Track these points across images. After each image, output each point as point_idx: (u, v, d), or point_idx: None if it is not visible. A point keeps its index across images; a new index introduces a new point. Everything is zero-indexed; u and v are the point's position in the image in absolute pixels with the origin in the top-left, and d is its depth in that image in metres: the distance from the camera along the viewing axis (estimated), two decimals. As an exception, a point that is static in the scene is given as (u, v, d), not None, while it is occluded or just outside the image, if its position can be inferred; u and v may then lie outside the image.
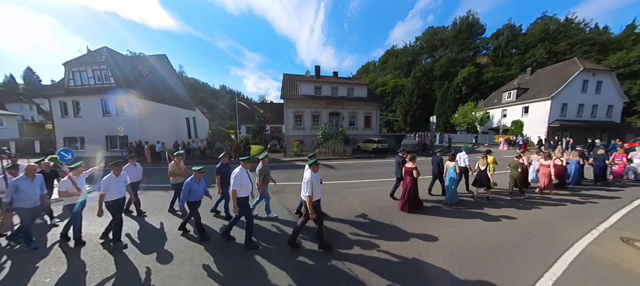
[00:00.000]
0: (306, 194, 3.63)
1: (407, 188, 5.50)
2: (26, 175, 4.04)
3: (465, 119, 32.41)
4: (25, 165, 4.21)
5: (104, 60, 17.54)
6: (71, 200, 4.11)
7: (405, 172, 5.64)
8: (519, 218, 5.19)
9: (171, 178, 5.59)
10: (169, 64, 24.21)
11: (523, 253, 3.77)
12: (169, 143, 18.06)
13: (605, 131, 23.81)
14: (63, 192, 4.08)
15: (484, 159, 6.38)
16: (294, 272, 3.29)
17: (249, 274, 3.30)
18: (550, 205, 6.17)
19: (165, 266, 3.51)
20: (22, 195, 3.92)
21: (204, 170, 4.50)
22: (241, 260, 3.66)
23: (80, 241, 4.17)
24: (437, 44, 65.23)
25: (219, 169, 5.29)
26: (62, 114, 18.16)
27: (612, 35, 41.70)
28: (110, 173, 4.13)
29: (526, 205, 6.06)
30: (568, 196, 6.89)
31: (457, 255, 3.71)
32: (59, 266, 3.55)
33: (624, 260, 3.61)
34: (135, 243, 4.25)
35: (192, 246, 4.06)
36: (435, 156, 7.03)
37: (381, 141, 17.64)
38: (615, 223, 5.03)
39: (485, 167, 6.26)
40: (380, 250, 3.86)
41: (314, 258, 3.65)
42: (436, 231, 4.54)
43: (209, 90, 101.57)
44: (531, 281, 3.10)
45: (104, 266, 3.52)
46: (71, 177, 4.15)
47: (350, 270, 3.35)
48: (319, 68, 25.80)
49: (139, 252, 3.90)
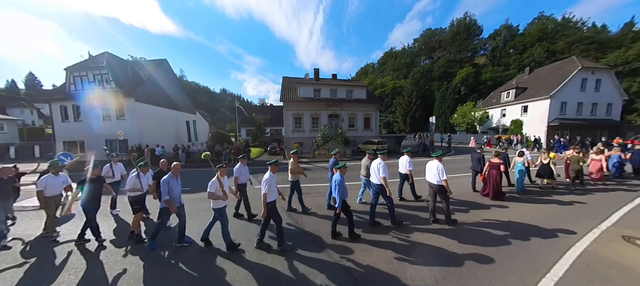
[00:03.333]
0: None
1: (494, 180, 6.34)
2: (173, 173, 4.06)
3: (464, 119, 32.43)
4: (174, 163, 4.22)
5: (105, 65, 17.63)
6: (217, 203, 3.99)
7: (492, 166, 6.44)
8: (588, 203, 6.16)
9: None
10: (169, 68, 24.33)
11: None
12: (169, 147, 18.07)
13: (605, 129, 23.79)
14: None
15: (546, 154, 7.51)
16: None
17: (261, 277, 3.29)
18: (603, 191, 7.23)
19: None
20: (173, 194, 3.99)
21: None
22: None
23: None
24: (435, 45, 65.58)
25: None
26: (62, 118, 18.21)
27: (610, 34, 41.83)
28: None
29: (585, 192, 7.12)
30: (614, 185, 7.85)
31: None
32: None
33: (626, 258, 3.58)
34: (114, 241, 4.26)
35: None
36: (476, 153, 7.37)
37: (381, 142, 17.63)
38: (616, 221, 5.01)
39: (548, 161, 7.29)
40: (380, 251, 3.85)
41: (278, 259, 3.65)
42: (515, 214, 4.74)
43: (210, 94, 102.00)
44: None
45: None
46: (219, 178, 3.95)
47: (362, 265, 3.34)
48: (317, 71, 25.90)
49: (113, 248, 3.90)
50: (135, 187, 4.38)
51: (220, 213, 3.93)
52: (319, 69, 25.94)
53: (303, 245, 4.09)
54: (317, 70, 25.81)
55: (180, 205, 4.15)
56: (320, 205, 6.20)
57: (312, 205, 6.10)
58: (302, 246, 4.05)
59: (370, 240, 4.24)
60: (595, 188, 7.51)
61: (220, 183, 3.90)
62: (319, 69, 25.94)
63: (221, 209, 3.93)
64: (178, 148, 17.31)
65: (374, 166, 4.76)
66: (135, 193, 4.41)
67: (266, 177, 3.90)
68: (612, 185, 7.87)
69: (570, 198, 6.58)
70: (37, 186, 4.53)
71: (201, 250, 4.07)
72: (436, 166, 4.61)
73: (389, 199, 4.68)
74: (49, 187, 4.55)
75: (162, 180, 3.94)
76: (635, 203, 6.10)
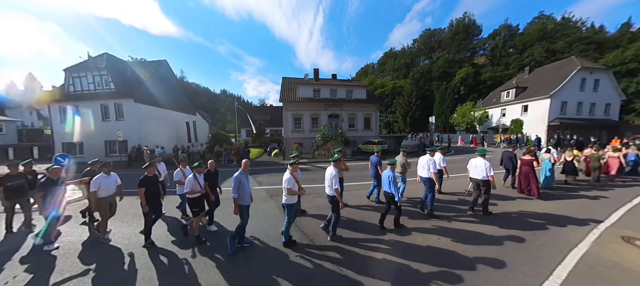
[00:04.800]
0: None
1: (532, 177, 6.60)
2: (243, 170, 4.02)
3: (464, 119, 32.46)
4: (244, 160, 4.21)
5: (105, 66, 17.60)
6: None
7: (524, 163, 6.77)
8: (610, 197, 6.61)
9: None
10: (169, 69, 24.30)
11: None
12: (168, 148, 18.04)
13: (604, 129, 23.85)
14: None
15: (570, 152, 8.03)
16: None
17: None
18: (622, 187, 7.68)
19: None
20: (244, 190, 3.94)
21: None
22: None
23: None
24: (435, 45, 65.72)
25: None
26: (61, 119, 18.16)
27: (608, 34, 42.00)
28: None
29: (607, 187, 7.64)
30: (630, 182, 8.25)
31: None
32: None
33: (625, 259, 3.59)
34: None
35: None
36: (508, 152, 7.65)
37: (381, 142, 17.63)
38: (615, 222, 5.02)
39: (572, 158, 7.80)
40: (384, 250, 3.85)
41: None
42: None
43: (210, 95, 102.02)
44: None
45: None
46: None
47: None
48: (317, 71, 25.90)
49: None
50: (194, 189, 4.28)
51: (291, 209, 3.98)
52: (318, 69, 25.99)
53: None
54: (316, 70, 25.82)
55: (248, 203, 4.04)
56: (320, 206, 6.18)
57: (311, 207, 6.08)
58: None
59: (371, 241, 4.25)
60: (615, 184, 7.98)
61: (296, 179, 3.98)
62: (318, 69, 25.99)
63: (293, 205, 3.99)
64: (178, 149, 17.28)
65: (437, 159, 5.69)
66: (195, 195, 4.31)
67: (235, 176, 3.86)
68: (629, 182, 8.19)
69: (595, 193, 7.03)
70: (91, 187, 4.44)
71: (260, 247, 4.11)
72: (483, 163, 5.17)
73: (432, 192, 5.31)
74: (102, 187, 4.44)
75: (234, 177, 3.87)
76: (634, 203, 6.11)
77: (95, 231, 4.76)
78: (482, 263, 3.49)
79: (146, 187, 4.17)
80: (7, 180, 4.81)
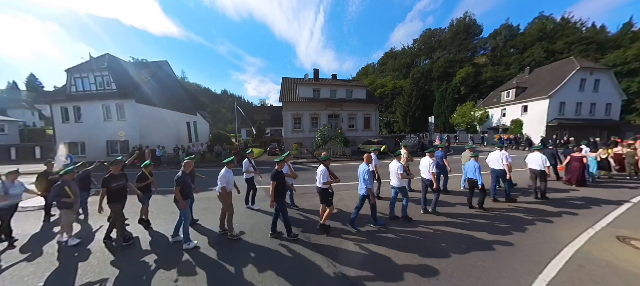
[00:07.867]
0: (219, 187, 4.37)
1: (579, 170, 7.51)
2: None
3: (464, 119, 32.44)
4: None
5: (106, 67, 17.71)
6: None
7: (574, 159, 7.61)
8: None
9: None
10: (170, 69, 24.41)
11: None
12: (169, 148, 18.15)
13: (604, 129, 23.82)
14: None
15: (605, 150, 8.84)
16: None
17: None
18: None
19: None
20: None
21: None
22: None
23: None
24: (435, 45, 65.66)
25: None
26: (63, 119, 18.29)
27: (609, 34, 41.89)
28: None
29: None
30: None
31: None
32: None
33: (620, 259, 3.62)
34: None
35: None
36: (549, 149, 8.37)
37: (381, 142, 17.66)
38: (612, 221, 5.05)
39: (606, 156, 8.59)
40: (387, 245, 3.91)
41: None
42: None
43: (211, 95, 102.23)
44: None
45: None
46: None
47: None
48: (317, 71, 25.97)
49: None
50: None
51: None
52: (318, 69, 26.07)
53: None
54: (316, 70, 25.89)
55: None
56: (317, 204, 6.20)
57: (310, 206, 6.12)
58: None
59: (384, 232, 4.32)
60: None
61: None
62: (318, 69, 26.07)
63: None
64: (178, 149, 17.37)
65: (497, 155, 6.35)
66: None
67: (221, 173, 4.40)
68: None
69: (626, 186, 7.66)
70: (220, 182, 4.37)
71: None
72: (539, 156, 6.14)
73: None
74: (229, 182, 4.39)
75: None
76: (632, 203, 6.14)
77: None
78: (477, 259, 3.55)
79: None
80: (111, 181, 4.22)
